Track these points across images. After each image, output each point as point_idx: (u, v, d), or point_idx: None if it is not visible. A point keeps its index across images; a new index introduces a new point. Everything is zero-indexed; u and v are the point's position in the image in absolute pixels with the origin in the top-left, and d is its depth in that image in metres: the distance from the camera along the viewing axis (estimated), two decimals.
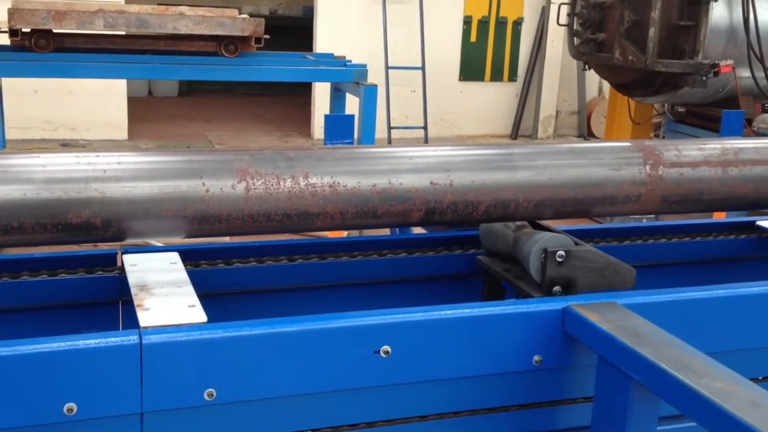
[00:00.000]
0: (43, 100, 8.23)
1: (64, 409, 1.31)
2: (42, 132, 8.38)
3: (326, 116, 3.08)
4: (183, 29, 4.88)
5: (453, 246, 2.16)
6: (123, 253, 1.81)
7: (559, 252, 1.64)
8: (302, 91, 10.17)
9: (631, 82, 5.82)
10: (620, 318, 1.48)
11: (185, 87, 12.48)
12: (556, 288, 1.65)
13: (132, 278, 1.64)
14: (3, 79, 4.86)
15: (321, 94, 9.07)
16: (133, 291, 1.58)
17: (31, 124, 8.23)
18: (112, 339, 1.35)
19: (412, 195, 1.68)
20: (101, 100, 8.52)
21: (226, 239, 2.39)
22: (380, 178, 1.66)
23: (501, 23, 10.34)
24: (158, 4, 6.74)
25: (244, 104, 11.65)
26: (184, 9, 5.13)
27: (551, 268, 1.64)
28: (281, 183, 1.59)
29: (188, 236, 1.64)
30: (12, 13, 4.57)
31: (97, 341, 1.34)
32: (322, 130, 9.03)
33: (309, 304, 2.03)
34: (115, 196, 1.51)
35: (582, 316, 1.48)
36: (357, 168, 1.66)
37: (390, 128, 9.05)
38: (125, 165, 1.55)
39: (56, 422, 1.32)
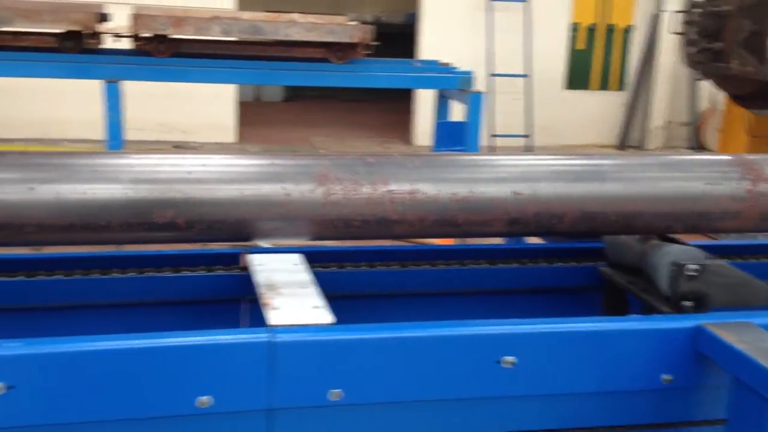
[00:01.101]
0: (158, 103, 8.54)
1: (196, 402, 1.35)
2: (156, 134, 8.71)
3: (438, 123, 3.07)
4: (295, 36, 4.97)
5: (568, 257, 2.12)
6: (246, 253, 1.85)
7: (691, 266, 1.58)
8: (402, 98, 10.23)
9: (750, 94, 5.59)
10: (758, 339, 1.42)
11: (289, 92, 12.76)
12: (687, 303, 1.59)
13: (259, 278, 1.68)
14: (123, 82, 5.05)
15: (423, 100, 9.09)
16: (260, 290, 1.61)
17: (146, 126, 8.57)
18: (244, 336, 1.38)
19: (493, 205, 1.65)
20: (212, 104, 8.80)
21: (341, 243, 2.41)
22: (461, 186, 1.64)
23: (610, 30, 10.12)
24: (266, 11, 6.91)
25: (344, 110, 11.82)
26: (295, 16, 5.24)
27: (683, 282, 1.59)
28: (360, 189, 1.60)
29: (268, 239, 1.67)
30: (135, 18, 4.76)
31: (229, 337, 1.37)
32: (424, 137, 9.08)
33: (417, 311, 2.02)
34: (199, 198, 1.54)
35: (717, 336, 1.42)
36: (437, 176, 1.65)
37: (493, 136, 8.99)
38: (209, 167, 1.59)
39: (188, 414, 1.36)
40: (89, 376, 1.31)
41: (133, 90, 6.55)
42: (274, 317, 1.46)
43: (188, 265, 1.89)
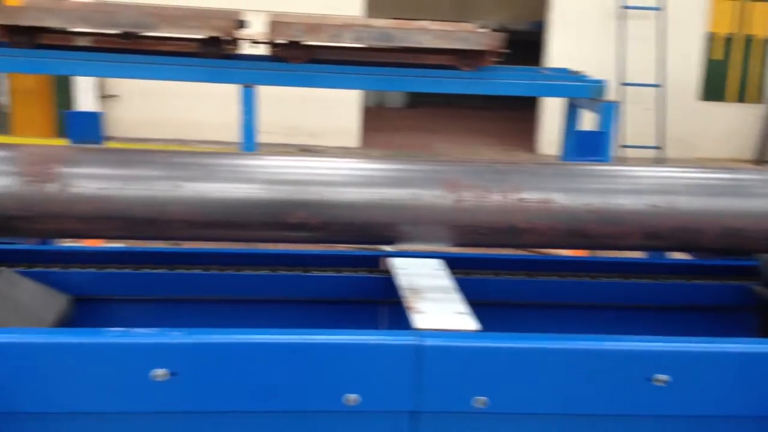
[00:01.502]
0: (287, 107, 8.77)
1: (344, 399, 1.38)
2: (283, 137, 8.95)
3: (575, 132, 3.02)
4: (425, 43, 4.99)
5: (713, 275, 2.03)
6: (388, 257, 1.88)
7: None
8: (525, 106, 10.10)
9: None
10: None
11: (412, 98, 12.84)
12: None
13: (402, 281, 1.70)
14: (258, 86, 5.21)
15: (549, 109, 8.95)
16: (404, 293, 1.63)
17: (275, 129, 8.81)
18: (392, 338, 1.40)
19: (628, 217, 1.60)
20: (337, 109, 8.98)
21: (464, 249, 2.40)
22: (595, 197, 1.60)
23: (749, 41, 9.65)
24: (393, 18, 6.99)
25: (466, 117, 11.78)
26: (426, 24, 5.27)
27: None
28: (491, 196, 1.59)
29: (395, 243, 1.68)
30: (271, 25, 4.92)
31: (378, 338, 1.40)
32: (549, 146, 8.92)
33: (541, 322, 2.00)
34: (331, 200, 1.58)
35: None
36: (571, 185, 1.62)
37: (623, 147, 8.75)
38: (342, 171, 1.63)
39: (336, 410, 1.39)
40: (245, 367, 1.36)
41: (264, 94, 6.77)
42: (420, 321, 1.47)
43: (331, 266, 1.94)
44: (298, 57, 5.03)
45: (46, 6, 5.03)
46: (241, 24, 4.93)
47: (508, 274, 1.99)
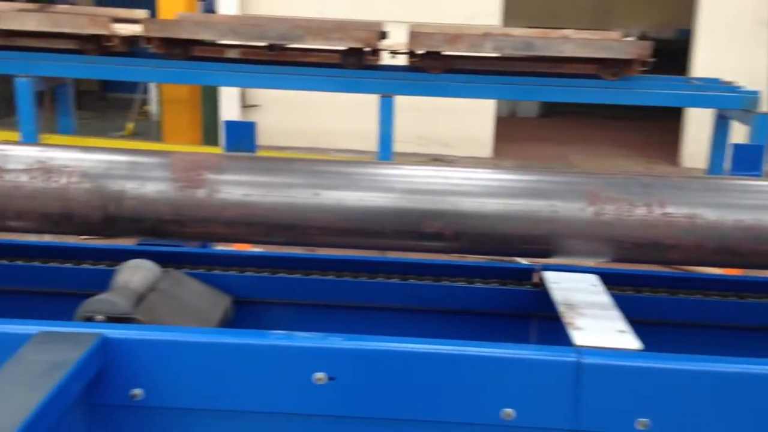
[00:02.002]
0: (419, 116, 8.84)
1: (501, 413, 1.36)
2: (415, 146, 9.01)
3: (734, 145, 2.88)
4: (567, 52, 4.91)
5: None
6: (541, 270, 1.85)
7: None
8: (667, 117, 9.72)
9: None
10: None
11: (546, 108, 12.63)
12: None
13: (557, 296, 1.67)
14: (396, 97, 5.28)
15: (693, 120, 8.58)
16: (560, 308, 1.60)
17: (407, 139, 8.89)
18: (550, 354, 1.37)
19: None
20: (470, 118, 8.95)
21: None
22: (747, 213, 1.51)
23: None
24: (528, 27, 6.91)
25: (602, 127, 11.47)
26: (568, 32, 5.18)
27: None
28: (634, 210, 1.52)
29: (532, 257, 1.64)
30: (412, 36, 4.97)
31: (536, 353, 1.37)
32: (693, 159, 8.54)
33: (682, 342, 1.91)
34: (467, 210, 1.56)
35: None
36: (720, 201, 1.53)
37: None
38: (478, 181, 1.60)
39: (493, 424, 1.37)
40: (403, 375, 1.37)
41: (396, 103, 6.86)
42: (579, 338, 1.44)
43: (480, 277, 1.93)
44: (436, 67, 5.06)
45: (199, 20, 5.30)
46: (382, 35, 5.01)
47: (648, 291, 1.93)
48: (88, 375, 1.33)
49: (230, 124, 2.88)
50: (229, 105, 8.57)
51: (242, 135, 2.85)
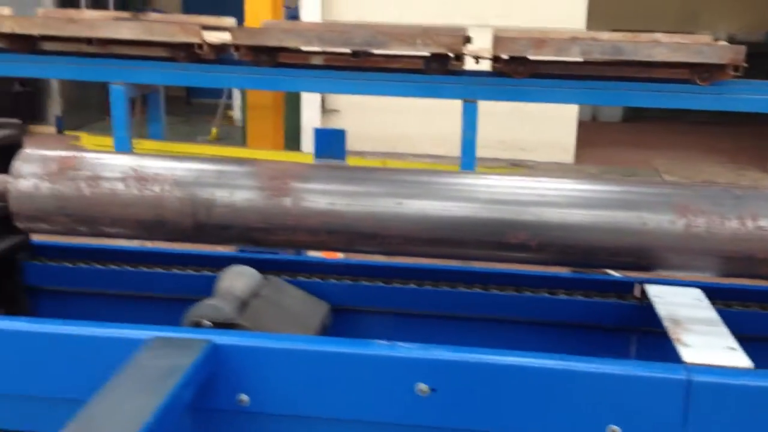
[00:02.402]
0: (498, 120, 8.78)
1: (607, 430, 1.34)
2: (494, 151, 8.94)
3: None
4: (657, 56, 4.80)
5: None
6: (643, 283, 1.81)
7: None
8: (756, 122, 9.39)
9: None
10: None
11: (629, 113, 12.37)
12: None
13: (661, 310, 1.63)
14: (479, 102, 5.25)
15: None
16: (665, 324, 1.56)
17: (486, 143, 8.81)
18: (660, 371, 1.34)
19: None
20: (552, 123, 8.84)
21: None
22: None
23: None
24: (610, 30, 6.78)
25: (691, 133, 11.15)
26: (658, 36, 5.06)
27: None
28: (726, 223, 1.48)
29: (619, 269, 1.63)
30: (496, 41, 4.94)
31: (644, 370, 1.34)
32: None
33: None
34: (552, 221, 1.55)
35: None
36: None
37: None
38: (564, 192, 1.58)
39: None
40: (505, 389, 1.36)
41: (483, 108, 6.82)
42: (687, 355, 1.40)
43: (577, 289, 1.90)
44: (521, 72, 5.02)
45: (286, 27, 5.39)
46: (466, 40, 5.00)
47: (738, 305, 1.87)
48: (199, 380, 1.37)
49: (320, 132, 2.92)
50: (310, 110, 8.70)
51: (332, 142, 2.89)
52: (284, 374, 1.42)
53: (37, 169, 1.71)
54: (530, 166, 8.84)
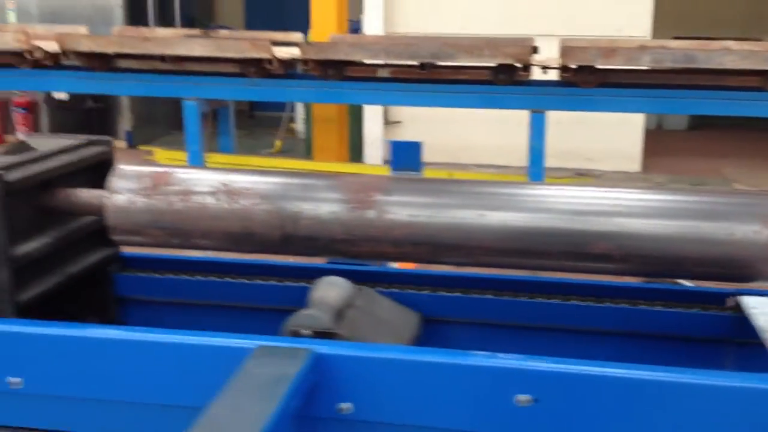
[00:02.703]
0: (562, 130, 8.71)
1: None
2: (558, 160, 8.85)
3: None
4: (728, 64, 4.71)
5: None
6: (737, 295, 1.80)
7: None
8: None
9: None
10: None
11: (695, 120, 12.13)
12: None
13: (760, 321, 1.61)
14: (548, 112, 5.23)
15: None
16: (764, 335, 1.55)
17: (550, 153, 8.72)
18: (760, 383, 1.33)
19: None
20: (617, 132, 8.73)
21: None
22: None
23: None
24: (674, 37, 6.67)
25: (760, 140, 10.87)
26: (730, 44, 4.99)
27: None
28: None
29: (706, 279, 1.62)
30: (564, 50, 4.92)
31: (752, 382, 1.33)
32: None
33: None
34: (636, 232, 1.56)
35: None
36: None
37: None
38: (648, 202, 1.59)
39: None
40: (606, 400, 1.37)
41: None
42: None
43: (667, 300, 1.89)
44: (589, 81, 4.98)
45: (353, 41, 5.46)
46: (534, 50, 4.99)
47: None
48: (304, 389, 1.40)
49: (397, 145, 2.95)
50: (372, 122, 8.76)
51: (408, 155, 2.92)
52: (385, 383, 1.45)
53: (132, 185, 1.79)
54: (596, 175, 8.75)
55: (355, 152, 8.61)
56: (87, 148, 2.01)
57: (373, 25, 8.36)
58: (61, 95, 9.21)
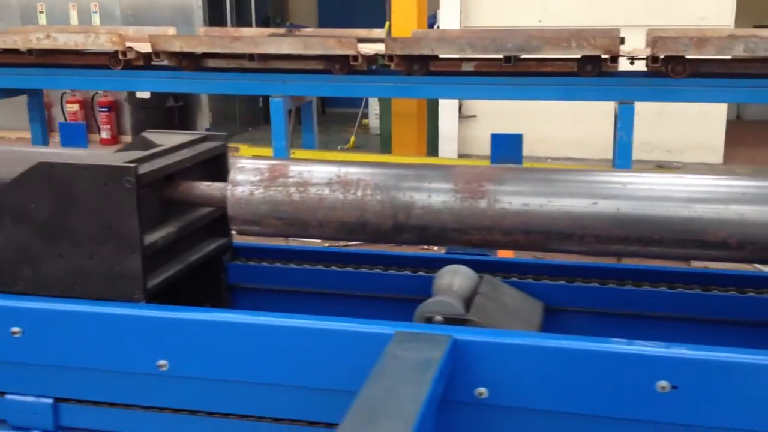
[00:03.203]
0: (642, 122, 8.56)
1: None
2: (639, 153, 8.71)
3: None
4: None
5: None
6: None
7: None
8: None
9: None
10: None
11: None
12: None
13: None
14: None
15: None
16: None
17: None
18: None
19: None
20: (699, 123, 8.55)
21: None
22: None
23: None
24: (755, 26, 6.51)
25: None
26: None
27: None
28: None
29: None
30: (654, 41, 4.85)
31: None
32: None
33: None
34: (752, 219, 1.57)
35: None
36: None
37: None
38: (762, 189, 1.60)
39: None
40: (745, 387, 1.37)
41: (612, 109, 6.70)
42: None
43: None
44: (679, 71, 4.91)
45: (438, 36, 5.48)
46: (621, 41, 4.93)
47: None
48: (446, 373, 1.45)
49: (496, 137, 2.98)
50: (448, 116, 8.78)
51: (509, 147, 2.94)
52: (523, 369, 1.47)
53: (251, 177, 1.86)
54: (677, 167, 8.58)
55: (431, 147, 8.64)
56: (204, 143, 2.09)
57: (449, 19, 8.38)
58: (143, 94, 9.49)
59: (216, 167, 2.10)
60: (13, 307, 1.70)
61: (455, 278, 1.79)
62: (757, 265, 4.91)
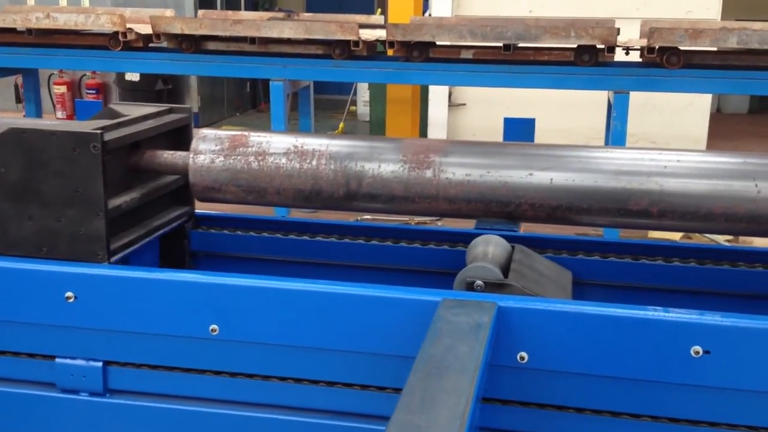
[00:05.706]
0: (630, 113, 8.69)
1: None
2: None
3: None
4: None
5: None
6: None
7: None
8: None
9: None
10: None
11: (756, 104, 12.02)
12: None
13: None
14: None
15: None
16: None
17: None
18: None
19: None
20: (682, 115, 8.70)
21: None
22: None
23: None
24: (736, 20, 6.64)
25: None
26: None
27: None
28: None
29: (728, 233, 1.80)
30: (650, 32, 4.96)
31: None
32: None
33: None
34: (672, 190, 1.73)
35: None
36: None
37: None
38: (684, 163, 1.75)
39: None
40: None
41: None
42: None
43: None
44: (674, 62, 5.02)
45: (438, 23, 5.55)
46: (618, 32, 5.03)
47: None
48: (494, 337, 1.53)
49: (510, 121, 3.08)
50: (437, 104, 8.85)
51: (522, 131, 3.04)
52: (563, 335, 1.56)
53: (212, 147, 1.97)
54: None
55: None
56: (168, 114, 2.20)
57: (441, 8, 8.44)
58: (133, 77, 9.46)
59: (181, 138, 2.21)
60: (68, 273, 1.75)
61: (489, 246, 1.88)
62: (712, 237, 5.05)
